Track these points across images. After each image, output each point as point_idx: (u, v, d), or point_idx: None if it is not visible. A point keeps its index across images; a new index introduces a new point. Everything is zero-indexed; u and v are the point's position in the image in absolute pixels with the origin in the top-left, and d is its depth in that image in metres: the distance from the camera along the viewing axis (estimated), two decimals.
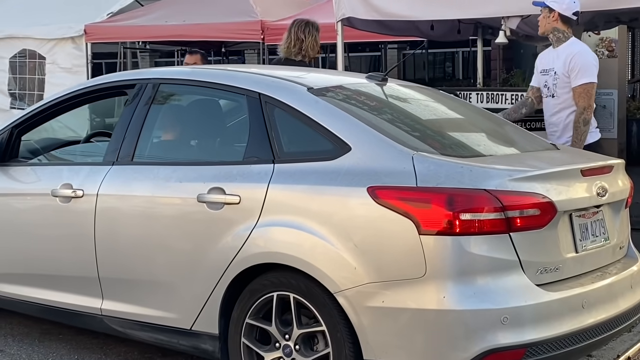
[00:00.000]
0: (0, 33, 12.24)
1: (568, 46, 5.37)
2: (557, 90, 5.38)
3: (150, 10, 11.85)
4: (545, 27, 5.42)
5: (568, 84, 5.30)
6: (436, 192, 3.31)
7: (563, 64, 5.32)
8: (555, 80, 5.38)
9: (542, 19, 5.43)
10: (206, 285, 3.87)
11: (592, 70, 5.28)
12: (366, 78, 4.50)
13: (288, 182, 3.70)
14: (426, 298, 3.28)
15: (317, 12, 10.37)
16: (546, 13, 5.38)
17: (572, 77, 5.27)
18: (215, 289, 3.84)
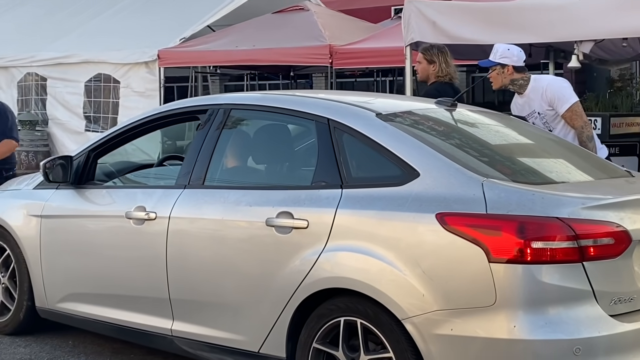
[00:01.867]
0: (77, 57, 12.60)
1: (534, 85, 5.65)
2: (550, 124, 5.60)
3: (221, 36, 12.05)
4: (502, 82, 5.75)
5: (556, 115, 5.54)
6: (507, 219, 3.27)
7: (540, 102, 5.58)
8: (544, 118, 5.61)
9: (495, 76, 5.74)
10: (274, 309, 3.89)
11: (567, 91, 5.56)
12: (435, 103, 4.49)
13: (356, 207, 3.70)
14: (496, 327, 3.23)
15: (385, 36, 10.41)
16: (499, 70, 5.70)
17: (556, 106, 5.52)
18: (283, 313, 3.86)
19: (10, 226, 5.22)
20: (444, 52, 6.22)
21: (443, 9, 7.26)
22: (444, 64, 6.15)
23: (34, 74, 13.20)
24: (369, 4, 14.81)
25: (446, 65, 6.16)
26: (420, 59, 6.24)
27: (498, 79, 5.73)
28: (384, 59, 10.06)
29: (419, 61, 6.27)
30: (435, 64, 6.15)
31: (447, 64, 6.17)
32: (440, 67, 6.14)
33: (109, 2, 14.45)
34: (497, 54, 5.71)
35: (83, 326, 4.97)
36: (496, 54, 5.72)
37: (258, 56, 11.29)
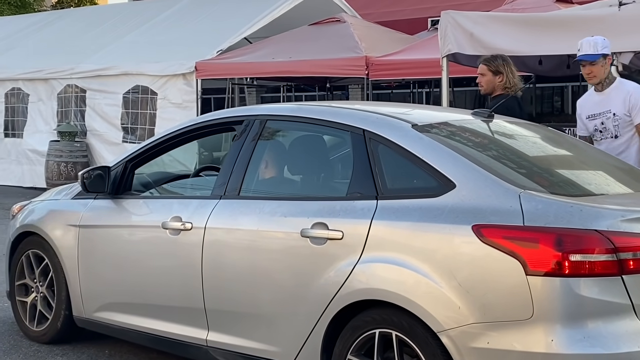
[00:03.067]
0: (115, 70, 12.77)
1: (618, 86, 5.43)
2: (620, 130, 5.42)
3: (258, 48, 12.12)
4: (604, 74, 5.46)
5: (630, 123, 5.37)
6: (544, 231, 3.23)
7: (621, 104, 5.37)
8: (617, 121, 5.42)
9: (599, 69, 5.43)
10: (309, 320, 3.88)
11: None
12: (472, 114, 4.46)
13: (391, 219, 3.69)
14: (533, 341, 3.19)
15: (421, 48, 10.39)
16: (602, 61, 5.42)
17: (635, 114, 5.35)
18: (318, 324, 3.85)
19: (48, 236, 5.29)
20: (508, 61, 5.95)
21: (480, 20, 7.23)
22: (511, 74, 5.90)
23: (74, 85, 13.39)
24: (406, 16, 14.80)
25: (512, 76, 5.90)
26: (484, 70, 5.96)
27: (601, 71, 5.43)
28: (421, 70, 10.04)
29: (481, 73, 5.97)
30: (501, 74, 5.88)
31: (513, 73, 5.92)
32: (507, 77, 5.88)
33: (148, 15, 14.63)
34: (598, 46, 5.38)
35: (120, 336, 5.01)
36: (597, 47, 5.39)
37: (294, 68, 11.33)
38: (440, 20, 7.42)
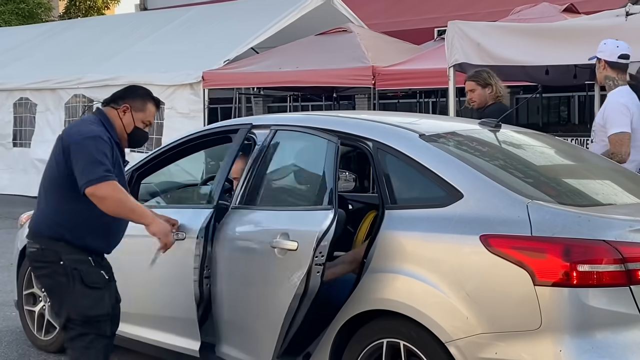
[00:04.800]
0: (123, 79, 12.77)
1: (609, 96, 5.39)
2: (595, 136, 5.44)
3: (264, 58, 12.15)
4: (599, 78, 5.51)
5: (603, 132, 5.31)
6: (552, 242, 3.23)
7: (601, 114, 5.36)
8: (595, 126, 5.46)
9: (596, 71, 5.49)
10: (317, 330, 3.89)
11: (620, 119, 5.19)
12: (479, 124, 4.46)
13: (399, 229, 3.69)
14: (541, 351, 3.18)
15: (428, 58, 10.40)
16: (597, 64, 5.45)
17: (607, 127, 5.27)
18: (326, 333, 3.85)
19: None
20: (492, 73, 6.14)
21: (487, 30, 7.24)
22: (498, 84, 6.08)
23: (81, 95, 13.44)
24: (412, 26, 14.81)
25: (499, 85, 6.09)
26: (472, 86, 6.09)
27: (597, 74, 5.49)
28: (427, 80, 10.04)
29: (471, 89, 6.10)
30: (490, 86, 6.06)
31: (499, 83, 6.11)
32: (495, 87, 6.07)
33: (154, 26, 14.69)
34: (599, 48, 5.45)
35: (126, 345, 5.00)
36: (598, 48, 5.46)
37: (301, 77, 11.35)
38: (447, 30, 7.42)
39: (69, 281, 3.83)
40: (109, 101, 4.07)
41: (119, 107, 4.02)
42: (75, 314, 3.84)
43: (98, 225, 3.89)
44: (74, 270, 3.83)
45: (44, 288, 4.17)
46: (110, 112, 4.02)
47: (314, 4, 12.69)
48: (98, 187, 3.69)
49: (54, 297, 4.00)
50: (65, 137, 3.85)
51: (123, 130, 4.02)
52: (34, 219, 4.01)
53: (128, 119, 4.01)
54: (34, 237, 3.95)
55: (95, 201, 3.73)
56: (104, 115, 4.01)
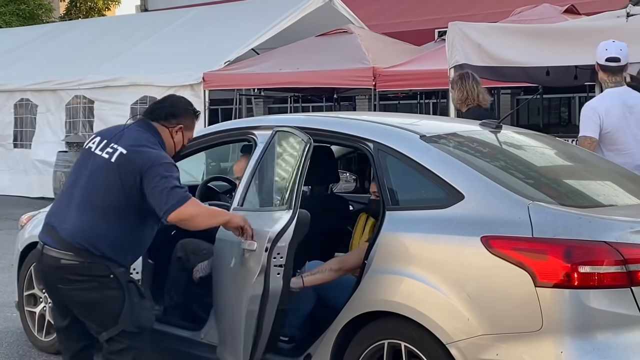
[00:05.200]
0: (123, 80, 12.82)
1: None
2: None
3: (265, 59, 12.16)
4: (603, 81, 5.47)
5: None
6: (553, 243, 3.23)
7: None
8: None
9: (600, 74, 5.44)
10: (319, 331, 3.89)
11: (585, 124, 5.22)
12: (480, 125, 4.46)
13: (399, 230, 3.69)
14: (543, 353, 3.18)
15: (428, 59, 10.41)
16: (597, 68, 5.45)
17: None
18: (327, 334, 3.85)
19: None
20: (465, 78, 6.05)
21: (488, 31, 7.24)
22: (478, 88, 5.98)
23: (82, 96, 13.44)
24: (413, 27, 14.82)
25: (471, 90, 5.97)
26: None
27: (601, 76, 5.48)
28: (428, 81, 10.05)
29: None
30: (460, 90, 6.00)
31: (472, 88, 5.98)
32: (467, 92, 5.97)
33: (155, 27, 14.70)
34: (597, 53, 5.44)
35: None
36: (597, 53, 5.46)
37: (302, 79, 11.36)
38: (447, 31, 7.42)
39: (124, 294, 3.72)
40: (158, 117, 3.91)
41: (173, 126, 3.91)
42: (131, 326, 3.73)
43: (139, 248, 3.93)
44: (129, 283, 3.77)
45: (81, 302, 3.78)
46: (162, 131, 3.90)
47: (314, 5, 12.71)
48: (183, 209, 3.62)
49: (97, 311, 3.77)
50: (137, 159, 3.70)
51: (173, 149, 3.94)
52: (75, 230, 3.72)
53: (179, 138, 3.94)
54: (75, 251, 3.70)
55: (183, 224, 3.73)
56: (158, 134, 3.88)
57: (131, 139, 3.78)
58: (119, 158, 3.72)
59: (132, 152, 3.72)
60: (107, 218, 3.71)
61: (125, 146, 3.75)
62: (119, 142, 3.77)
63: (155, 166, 3.66)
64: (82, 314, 3.81)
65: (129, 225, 3.76)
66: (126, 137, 3.80)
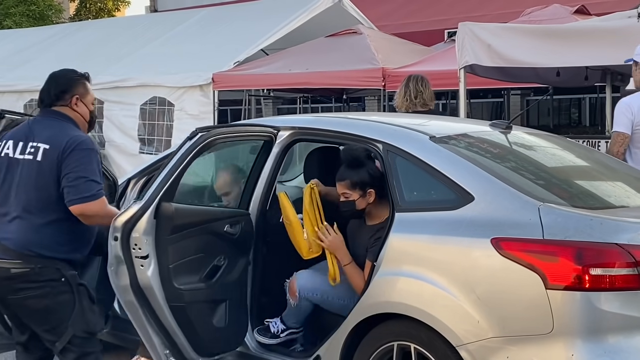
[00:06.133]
0: (133, 81, 12.82)
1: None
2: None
3: (274, 59, 12.14)
4: (636, 81, 5.47)
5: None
6: (564, 245, 3.21)
7: None
8: None
9: (636, 73, 5.46)
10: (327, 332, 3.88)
11: (618, 118, 5.26)
12: (490, 126, 4.44)
13: (409, 231, 3.68)
14: (553, 355, 3.16)
15: (438, 60, 10.37)
16: (634, 67, 5.44)
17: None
18: (336, 336, 3.83)
19: None
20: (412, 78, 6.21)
21: (498, 32, 7.20)
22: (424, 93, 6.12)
23: None
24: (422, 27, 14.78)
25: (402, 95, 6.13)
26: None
27: (634, 76, 5.53)
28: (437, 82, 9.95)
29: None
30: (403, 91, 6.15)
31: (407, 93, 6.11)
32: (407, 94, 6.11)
33: (165, 28, 14.71)
34: (635, 52, 5.49)
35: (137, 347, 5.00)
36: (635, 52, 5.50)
37: (311, 79, 11.33)
38: (457, 31, 7.39)
39: (75, 297, 3.68)
40: (52, 101, 3.82)
41: (69, 101, 3.82)
42: (80, 330, 3.69)
43: (86, 237, 3.83)
44: (80, 286, 3.71)
45: (34, 310, 3.68)
46: (65, 111, 3.81)
47: (324, 5, 12.68)
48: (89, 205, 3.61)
49: (49, 318, 3.69)
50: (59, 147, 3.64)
51: (83, 121, 3.87)
52: (19, 237, 3.66)
53: (83, 109, 3.86)
54: (24, 258, 3.63)
55: (83, 218, 3.66)
56: (65, 115, 3.80)
57: (46, 131, 3.72)
58: (44, 154, 3.67)
59: (54, 143, 3.67)
60: (48, 217, 3.67)
61: (45, 140, 3.70)
62: (36, 139, 3.72)
63: (76, 151, 3.63)
64: (36, 323, 3.74)
65: (72, 220, 3.68)
66: (39, 131, 3.74)
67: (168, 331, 3.97)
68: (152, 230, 3.86)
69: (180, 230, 3.98)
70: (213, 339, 4.08)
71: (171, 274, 3.92)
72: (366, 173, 4.01)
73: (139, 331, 4.01)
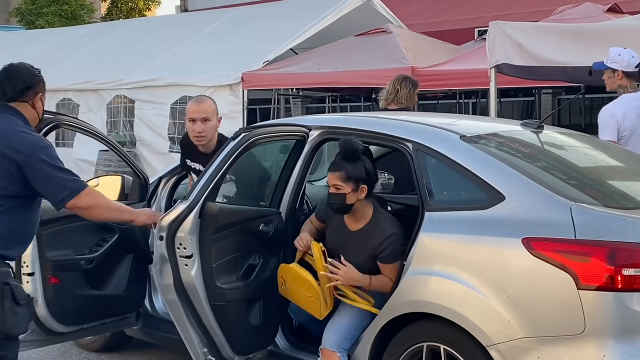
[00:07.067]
0: (163, 80, 12.91)
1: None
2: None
3: (304, 59, 12.15)
4: (611, 86, 5.71)
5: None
6: (596, 245, 3.18)
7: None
8: None
9: (607, 79, 5.70)
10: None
11: (604, 127, 5.41)
12: (521, 125, 4.41)
13: (439, 231, 3.66)
14: (585, 356, 3.14)
15: (468, 58, 10.32)
16: (610, 73, 5.65)
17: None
18: (365, 336, 3.83)
19: None
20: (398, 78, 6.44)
21: (529, 31, 7.15)
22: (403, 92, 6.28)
23: (123, 96, 13.57)
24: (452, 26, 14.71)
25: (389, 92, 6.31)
26: None
27: (609, 82, 5.73)
28: (467, 81, 9.95)
29: None
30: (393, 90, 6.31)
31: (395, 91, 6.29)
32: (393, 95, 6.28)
33: (196, 27, 14.79)
34: (609, 58, 5.70)
35: (166, 344, 5.04)
36: (608, 58, 5.71)
37: (340, 78, 11.33)
38: (488, 30, 7.35)
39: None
40: (14, 95, 3.65)
41: (31, 98, 3.68)
42: None
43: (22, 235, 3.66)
44: (5, 285, 3.47)
45: None
46: (23, 107, 3.66)
47: (353, 4, 12.67)
48: (80, 198, 3.54)
49: None
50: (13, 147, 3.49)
51: (37, 118, 3.78)
52: None
53: (40, 106, 3.77)
54: None
55: (81, 213, 3.60)
56: (19, 113, 3.64)
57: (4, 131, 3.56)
58: None
59: (6, 141, 3.53)
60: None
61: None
62: None
63: (37, 152, 3.51)
64: None
65: (7, 215, 3.53)
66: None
67: (207, 330, 4.00)
68: (197, 230, 3.89)
69: (223, 229, 4.02)
70: (249, 338, 4.10)
71: (214, 273, 3.95)
72: (363, 168, 3.94)
73: (180, 329, 4.03)
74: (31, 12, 25.34)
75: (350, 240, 4.01)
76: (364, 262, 3.91)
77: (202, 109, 4.90)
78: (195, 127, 4.86)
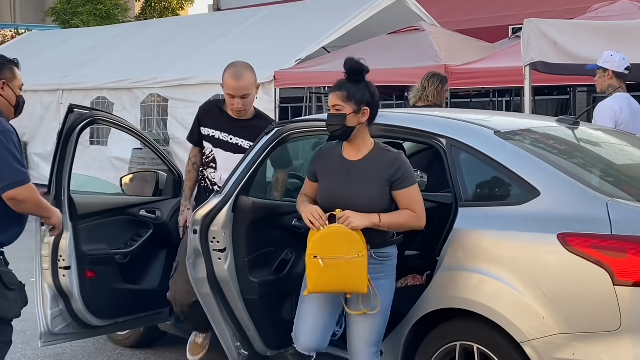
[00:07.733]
0: (196, 79, 12.99)
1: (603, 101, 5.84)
2: None
3: (336, 57, 12.14)
4: (602, 86, 5.96)
5: None
6: (633, 241, 3.14)
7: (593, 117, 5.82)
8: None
9: (598, 79, 5.95)
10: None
11: (602, 121, 5.60)
12: (557, 121, 4.37)
13: (473, 227, 3.64)
14: (621, 353, 3.10)
15: (502, 56, 10.25)
16: (601, 73, 5.90)
17: None
18: (398, 332, 3.83)
19: None
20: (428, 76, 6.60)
21: (564, 28, 7.10)
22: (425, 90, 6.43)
23: (156, 95, 13.69)
24: (486, 24, 14.62)
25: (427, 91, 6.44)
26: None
27: (600, 82, 5.97)
28: (501, 79, 9.89)
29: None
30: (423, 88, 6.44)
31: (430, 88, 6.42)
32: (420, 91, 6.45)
33: (228, 26, 14.86)
34: (602, 59, 5.93)
35: None
36: (601, 59, 5.94)
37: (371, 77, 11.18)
38: (523, 28, 7.30)
39: None
40: None
41: None
42: None
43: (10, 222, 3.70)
44: None
45: None
46: None
47: (386, 2, 12.65)
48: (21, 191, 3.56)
49: None
50: None
51: (9, 105, 3.84)
52: None
53: (9, 93, 3.82)
54: None
55: (12, 204, 3.59)
56: None
57: None
58: None
59: None
60: None
61: None
62: None
63: None
64: None
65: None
66: None
67: (240, 324, 4.03)
68: (230, 224, 3.92)
69: (256, 223, 4.04)
70: (281, 332, 4.12)
71: (247, 267, 3.97)
72: (367, 89, 3.75)
73: (213, 323, 4.07)
74: (66, 12, 25.66)
75: (354, 171, 3.66)
76: (370, 192, 3.57)
77: (241, 86, 4.79)
78: (234, 103, 4.79)
